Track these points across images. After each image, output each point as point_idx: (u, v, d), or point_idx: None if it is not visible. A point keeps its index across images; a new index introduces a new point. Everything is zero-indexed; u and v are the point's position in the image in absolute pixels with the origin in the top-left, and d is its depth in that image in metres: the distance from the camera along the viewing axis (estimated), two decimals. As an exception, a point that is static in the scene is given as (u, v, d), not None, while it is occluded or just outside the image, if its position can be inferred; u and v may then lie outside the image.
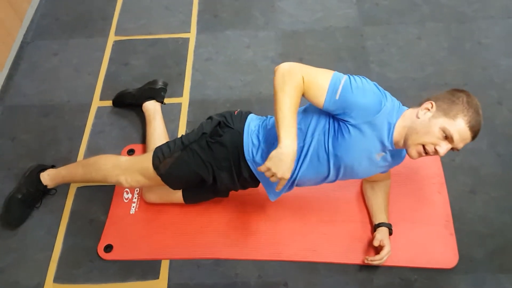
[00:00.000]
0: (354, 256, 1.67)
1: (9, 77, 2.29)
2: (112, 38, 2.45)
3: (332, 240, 1.72)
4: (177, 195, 1.73)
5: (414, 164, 1.89)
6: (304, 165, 1.46)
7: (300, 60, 2.29)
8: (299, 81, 1.33)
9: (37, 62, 2.36)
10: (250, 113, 1.63)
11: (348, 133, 1.37)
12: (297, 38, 2.40)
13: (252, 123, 1.57)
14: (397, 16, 2.48)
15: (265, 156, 1.50)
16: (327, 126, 1.41)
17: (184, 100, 2.17)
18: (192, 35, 2.44)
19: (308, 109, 1.47)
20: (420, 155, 1.38)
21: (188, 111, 2.13)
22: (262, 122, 1.57)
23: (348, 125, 1.36)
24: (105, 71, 2.31)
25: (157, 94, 2.07)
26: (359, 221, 1.76)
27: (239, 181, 1.58)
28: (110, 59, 2.36)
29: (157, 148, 1.61)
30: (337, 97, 1.32)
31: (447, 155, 1.90)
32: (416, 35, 2.38)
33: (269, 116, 1.59)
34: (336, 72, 1.36)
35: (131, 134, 2.07)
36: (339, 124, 1.38)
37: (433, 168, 1.88)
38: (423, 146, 1.36)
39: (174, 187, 1.63)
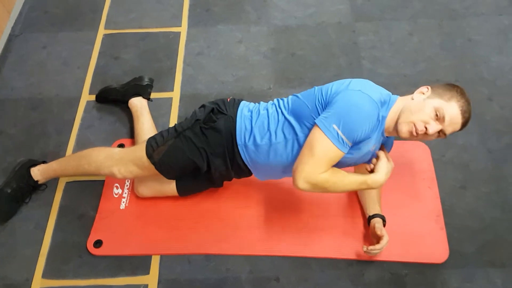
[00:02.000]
0: (346, 251, 1.68)
1: (-3, 70, 2.26)
2: (102, 31, 2.42)
3: (323, 235, 1.71)
4: (170, 187, 1.71)
5: (404, 159, 1.90)
6: (298, 152, 1.47)
7: (292, 56, 2.31)
8: (323, 176, 1.40)
9: (25, 55, 2.32)
10: (242, 100, 1.64)
11: (354, 150, 1.45)
12: (290, 34, 2.39)
13: (245, 108, 1.58)
14: (389, 12, 2.48)
15: (257, 143, 1.50)
16: None
17: (175, 95, 2.15)
18: (183, 29, 2.42)
19: (304, 99, 1.50)
20: (410, 134, 1.40)
21: (179, 106, 2.12)
22: (255, 108, 1.58)
23: None
24: (94, 65, 2.28)
25: (144, 91, 2.05)
26: (350, 216, 1.76)
27: (232, 168, 1.58)
28: (100, 52, 2.33)
29: (150, 137, 1.60)
30: (349, 143, 1.39)
31: (438, 150, 1.94)
32: (408, 31, 2.39)
33: (261, 103, 1.60)
34: (321, 128, 1.37)
35: (120, 128, 2.05)
36: None
37: (423, 164, 1.89)
38: (414, 124, 1.37)
39: (168, 175, 1.61)
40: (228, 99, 1.61)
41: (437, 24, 2.41)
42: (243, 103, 1.61)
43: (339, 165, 1.46)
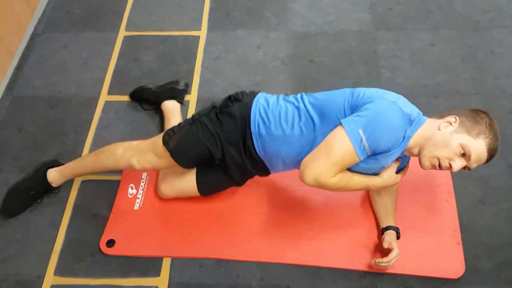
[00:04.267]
0: (359, 262, 1.65)
1: (19, 68, 2.29)
2: (122, 33, 2.44)
3: (336, 245, 1.69)
4: (191, 185, 1.69)
5: (422, 172, 1.84)
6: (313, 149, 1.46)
7: (310, 63, 2.29)
8: (334, 180, 1.38)
9: (46, 54, 2.36)
10: (262, 91, 1.63)
11: (371, 161, 1.41)
12: (308, 40, 2.38)
13: (262, 97, 1.56)
14: (411, 22, 2.45)
15: (270, 132, 1.48)
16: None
17: (192, 98, 2.16)
18: (202, 33, 2.43)
19: (332, 101, 1.48)
20: (433, 167, 1.37)
21: (196, 109, 2.12)
22: (273, 98, 1.56)
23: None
24: (114, 66, 2.30)
25: (179, 94, 2.07)
26: (364, 227, 1.73)
27: (247, 157, 1.55)
28: (120, 54, 2.35)
29: (169, 128, 1.60)
30: (369, 154, 1.36)
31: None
32: (429, 41, 2.36)
33: (281, 95, 1.59)
34: (346, 129, 1.34)
35: (138, 129, 2.06)
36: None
37: (441, 177, 1.86)
38: (438, 159, 1.34)
39: (182, 163, 1.59)
40: (248, 91, 1.61)
41: (459, 35, 2.37)
42: (261, 93, 1.61)
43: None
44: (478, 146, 1.33)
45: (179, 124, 1.60)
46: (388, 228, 1.63)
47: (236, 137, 1.53)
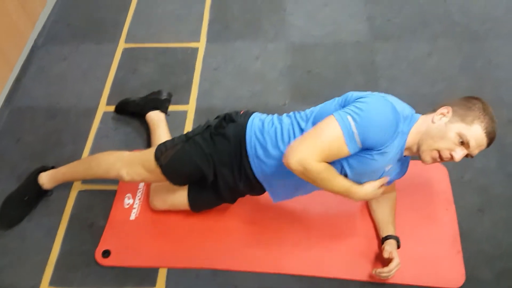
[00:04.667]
0: (357, 271, 1.63)
1: (18, 80, 2.30)
2: (122, 45, 2.46)
3: (334, 255, 1.67)
4: (183, 201, 1.68)
5: (422, 180, 1.86)
6: None
7: (308, 73, 2.30)
8: (318, 167, 1.32)
9: (46, 66, 2.37)
10: (256, 112, 1.60)
11: (365, 159, 1.36)
12: (306, 51, 2.39)
13: (256, 118, 1.54)
14: (408, 32, 2.47)
15: (268, 154, 1.46)
16: None
17: (190, 108, 2.16)
18: (201, 45, 2.45)
19: (326, 110, 1.45)
20: (434, 160, 1.36)
21: (194, 119, 2.12)
22: (267, 119, 1.54)
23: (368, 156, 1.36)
24: (113, 77, 2.31)
25: (162, 104, 2.07)
26: (363, 236, 1.71)
27: (241, 180, 1.54)
28: (119, 65, 2.37)
29: (161, 142, 1.59)
30: (360, 146, 1.31)
31: (456, 172, 1.89)
32: (427, 51, 2.36)
33: (275, 114, 1.56)
34: (336, 116, 1.31)
35: (135, 139, 2.06)
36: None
37: (441, 185, 1.84)
38: (438, 151, 1.32)
39: (173, 181, 1.58)
40: (242, 111, 1.60)
41: (457, 45, 2.38)
42: (255, 114, 1.58)
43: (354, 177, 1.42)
44: (475, 132, 1.32)
45: (173, 140, 1.58)
46: (388, 237, 1.61)
47: (230, 158, 1.51)
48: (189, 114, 2.14)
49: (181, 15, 2.60)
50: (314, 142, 1.30)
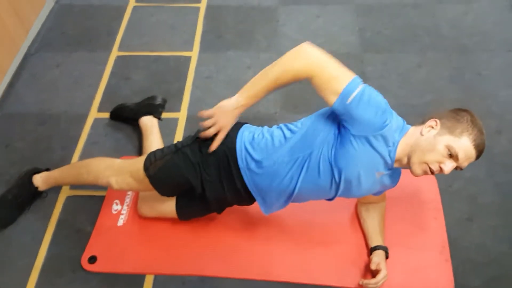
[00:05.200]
0: (346, 279, 1.62)
1: (10, 86, 2.31)
2: (115, 53, 2.48)
3: (323, 262, 1.66)
4: (171, 209, 1.67)
5: (411, 189, 1.87)
6: (304, 176, 1.42)
7: (300, 83, 2.31)
8: (307, 68, 1.33)
9: (38, 73, 2.38)
10: (246, 123, 1.60)
11: (351, 145, 1.34)
12: (298, 61, 2.41)
13: (246, 131, 1.53)
14: (398, 45, 2.50)
15: (260, 166, 1.46)
16: (333, 138, 1.38)
17: (182, 115, 2.17)
18: (194, 54, 2.47)
19: (319, 119, 1.44)
20: (425, 173, 1.36)
21: (185, 126, 2.13)
22: (257, 131, 1.53)
23: (351, 137, 1.33)
24: (105, 84, 2.32)
25: (155, 110, 2.07)
26: (353, 244, 1.71)
27: (230, 191, 1.53)
28: (112, 73, 2.38)
29: (151, 152, 1.59)
30: (348, 101, 1.30)
31: (444, 181, 1.90)
32: (417, 63, 2.40)
33: (265, 126, 1.56)
34: (356, 76, 1.34)
35: (125, 146, 2.05)
36: (342, 134, 1.36)
37: (430, 194, 1.85)
38: (428, 165, 1.33)
39: (161, 191, 1.58)
40: None
41: (446, 58, 2.42)
42: (245, 126, 1.57)
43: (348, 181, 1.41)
44: (464, 144, 1.32)
45: (162, 150, 1.57)
46: (376, 248, 1.61)
47: (218, 170, 1.50)
48: (180, 121, 2.15)
49: (174, 25, 2.62)
50: (328, 60, 1.34)
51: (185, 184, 1.53)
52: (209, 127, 1.46)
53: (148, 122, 2.02)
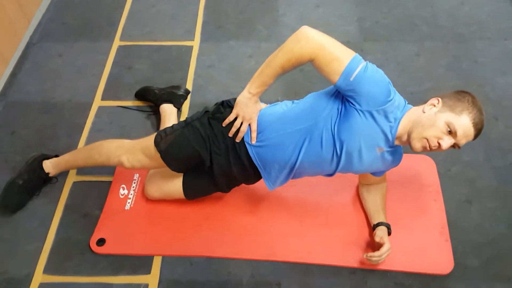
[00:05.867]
0: (349, 259, 1.66)
1: (13, 75, 2.32)
2: (117, 43, 2.50)
3: (327, 243, 1.71)
4: (177, 188, 1.70)
5: (411, 173, 1.91)
6: (307, 148, 1.47)
7: (301, 71, 2.35)
8: (308, 52, 1.36)
9: (41, 62, 2.40)
10: None
11: (354, 118, 1.38)
12: (299, 51, 2.44)
13: None
14: (397, 34, 2.54)
15: (264, 138, 1.51)
16: (337, 112, 1.43)
17: (185, 103, 2.20)
18: (195, 43, 2.49)
19: (323, 96, 1.49)
20: (424, 149, 1.40)
21: (189, 113, 2.15)
22: (262, 105, 1.58)
23: (355, 111, 1.38)
24: (108, 73, 2.34)
25: (176, 99, 2.10)
26: (355, 225, 1.75)
27: (236, 165, 1.57)
28: (114, 62, 2.40)
29: (161, 129, 1.62)
30: (351, 79, 1.34)
31: (443, 165, 1.95)
32: (415, 52, 2.44)
33: (275, 103, 1.61)
34: (357, 54, 1.38)
35: (130, 133, 2.08)
36: (346, 108, 1.40)
37: (429, 177, 1.89)
38: (427, 140, 1.38)
39: (172, 166, 1.60)
40: None
41: (444, 46, 2.46)
42: None
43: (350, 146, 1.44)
44: (463, 122, 1.36)
45: (172, 126, 1.62)
46: (379, 224, 1.65)
47: (225, 142, 1.55)
48: (183, 109, 2.17)
49: (175, 15, 2.64)
50: (328, 40, 1.37)
51: (195, 157, 1.56)
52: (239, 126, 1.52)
53: (168, 109, 2.05)
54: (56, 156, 1.85)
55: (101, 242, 1.71)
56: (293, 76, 2.33)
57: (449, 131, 1.37)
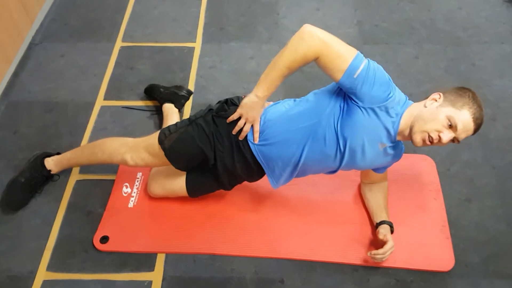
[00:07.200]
0: (352, 256, 1.68)
1: (15, 75, 2.33)
2: (119, 44, 2.51)
3: (330, 240, 1.72)
4: (181, 186, 1.72)
5: (411, 171, 1.94)
6: (311, 145, 1.49)
7: (301, 72, 2.38)
8: (314, 49, 1.38)
9: (43, 62, 2.41)
10: None
11: (356, 115, 1.41)
12: (299, 52, 2.47)
13: None
14: (396, 37, 2.58)
15: (268, 136, 1.53)
16: (339, 110, 1.45)
17: (187, 103, 2.21)
18: (197, 45, 2.52)
19: (325, 93, 1.51)
20: (424, 142, 1.42)
21: (191, 113, 2.17)
22: (265, 104, 1.59)
23: (357, 108, 1.40)
24: (110, 74, 2.36)
25: (177, 100, 2.12)
26: (357, 223, 1.77)
27: (239, 162, 1.58)
28: (116, 62, 2.41)
29: (165, 127, 1.63)
30: (355, 76, 1.37)
31: (443, 164, 1.97)
32: (414, 55, 2.47)
33: (278, 101, 1.63)
34: (359, 52, 1.41)
35: (132, 132, 2.09)
36: (348, 105, 1.42)
37: (429, 176, 1.92)
38: (428, 134, 1.40)
39: (176, 164, 1.62)
40: (243, 96, 1.65)
41: (442, 49, 2.50)
42: None
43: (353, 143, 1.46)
44: (463, 116, 1.40)
45: (176, 124, 1.63)
46: (382, 222, 1.67)
47: (229, 140, 1.57)
48: (186, 109, 2.19)
49: (176, 17, 2.67)
50: (331, 38, 1.39)
51: (199, 154, 1.57)
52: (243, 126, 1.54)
53: (169, 109, 2.07)
54: (58, 153, 1.85)
55: (104, 239, 1.72)
56: (294, 77, 2.34)
57: (450, 125, 1.40)
